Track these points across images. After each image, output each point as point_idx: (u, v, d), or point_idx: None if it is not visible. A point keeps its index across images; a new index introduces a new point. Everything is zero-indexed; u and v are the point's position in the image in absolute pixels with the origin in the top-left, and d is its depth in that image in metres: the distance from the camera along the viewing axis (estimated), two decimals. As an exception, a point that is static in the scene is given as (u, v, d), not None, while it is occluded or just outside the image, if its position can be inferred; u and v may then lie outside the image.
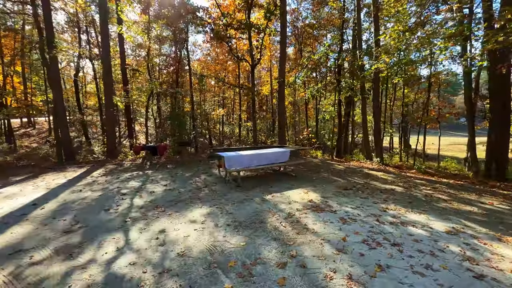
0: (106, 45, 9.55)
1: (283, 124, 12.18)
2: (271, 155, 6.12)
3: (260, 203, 4.27)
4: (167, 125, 12.10)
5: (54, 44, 8.42)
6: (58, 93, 8.80)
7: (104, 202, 4.42)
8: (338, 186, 5.35)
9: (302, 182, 5.76)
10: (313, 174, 6.63)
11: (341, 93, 11.57)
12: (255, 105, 12.20)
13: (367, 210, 3.89)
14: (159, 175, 6.66)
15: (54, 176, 6.69)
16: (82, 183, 5.83)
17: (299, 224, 3.36)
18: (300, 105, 26.54)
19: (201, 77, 10.43)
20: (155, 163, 8.53)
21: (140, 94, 12.32)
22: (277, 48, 18.97)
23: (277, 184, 5.55)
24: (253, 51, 10.97)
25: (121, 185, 5.62)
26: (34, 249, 2.76)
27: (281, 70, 11.43)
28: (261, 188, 5.22)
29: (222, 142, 18.09)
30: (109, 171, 7.28)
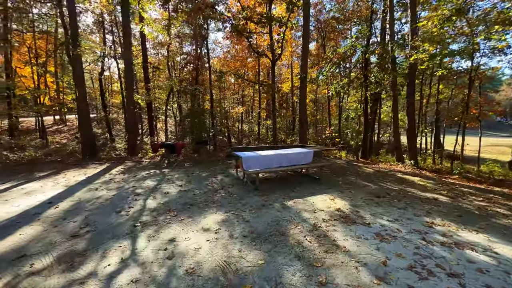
0: (127, 42, 9.60)
1: (304, 122, 11.56)
2: (292, 156, 5.63)
3: (280, 210, 3.82)
4: (187, 122, 12.03)
5: (78, 43, 8.57)
6: (82, 90, 9.00)
7: (117, 202, 4.25)
8: (369, 193, 4.74)
9: (327, 186, 5.22)
10: (339, 178, 6.03)
11: (368, 89, 10.69)
12: (275, 102, 11.70)
13: (408, 224, 3.29)
14: (176, 174, 6.46)
15: (75, 173, 6.76)
16: (100, 181, 5.78)
17: (326, 239, 2.87)
18: (321, 103, 25.56)
19: (220, 73, 10.15)
20: (172, 161, 8.40)
21: (160, 92, 12.35)
22: (298, 43, 18.26)
23: (298, 188, 5.06)
24: (274, 46, 10.46)
25: (137, 184, 5.47)
26: (37, 256, 2.56)
27: (303, 65, 10.81)
28: (281, 192, 4.77)
29: (241, 141, 17.83)
30: (127, 169, 7.24)
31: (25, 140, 14.62)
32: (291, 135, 17.05)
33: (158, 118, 18.40)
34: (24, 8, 14.47)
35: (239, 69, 17.03)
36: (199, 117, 11.65)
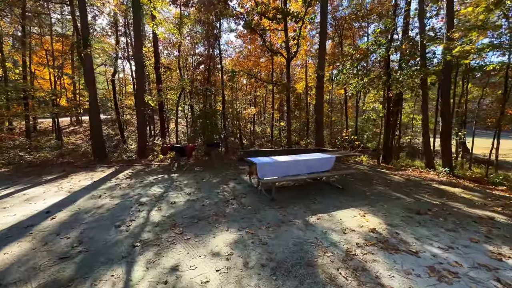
0: (138, 42, 9.35)
1: (321, 124, 10.88)
2: (312, 162, 5.03)
3: (303, 228, 3.24)
4: (199, 124, 11.67)
5: (89, 43, 8.39)
6: (93, 91, 8.81)
7: (118, 213, 3.83)
8: (405, 207, 4.05)
9: (352, 198, 4.57)
10: (365, 187, 5.35)
11: (390, 89, 9.86)
12: (290, 103, 11.09)
13: (468, 255, 2.61)
14: (184, 180, 6.02)
15: (82, 177, 6.49)
16: (105, 187, 5.43)
17: (366, 274, 2.27)
18: (336, 104, 24.59)
19: (233, 73, 9.69)
20: (182, 165, 8.01)
21: (171, 93, 12.08)
22: (312, 41, 17.56)
23: (320, 199, 4.45)
24: (289, 43, 9.88)
25: (143, 191, 5.07)
26: (14, 285, 2.14)
27: (320, 63, 10.16)
28: (301, 204, 4.18)
29: (253, 142, 17.32)
30: (135, 173, 6.90)
31: (41, 141, 14.84)
32: (305, 137, 16.33)
33: (170, 120, 18.27)
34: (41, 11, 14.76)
35: (252, 69, 16.56)
36: (210, 118, 11.25)
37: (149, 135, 19.36)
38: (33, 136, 16.80)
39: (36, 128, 19.02)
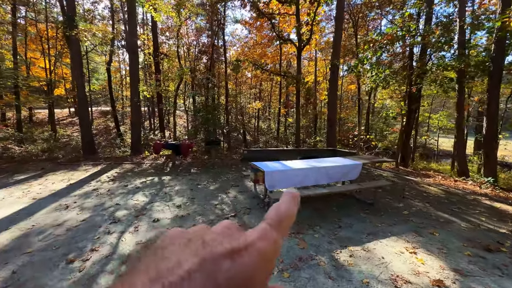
0: (132, 25, 8.30)
1: (334, 121, 9.81)
2: (334, 170, 3.99)
3: (332, 274, 2.24)
4: (200, 118, 10.66)
5: (76, 23, 7.37)
6: (80, 78, 7.85)
7: (80, 237, 2.87)
8: (465, 238, 3.01)
9: (388, 218, 3.53)
10: (398, 201, 4.31)
11: (413, 84, 8.70)
12: (300, 96, 10.00)
13: None
14: (177, 185, 5.05)
15: (59, 177, 5.57)
16: (79, 193, 4.48)
17: None
18: (344, 100, 23.30)
19: (237, 62, 8.61)
20: (177, 165, 7.05)
21: (169, 83, 11.05)
22: (324, 29, 16.26)
23: (347, 220, 3.43)
24: (301, 29, 8.72)
25: (123, 200, 4.10)
26: None
27: (336, 51, 9.04)
28: (322, 228, 3.17)
29: (257, 139, 16.30)
30: (121, 174, 5.95)
31: (35, 133, 14.02)
32: (313, 135, 15.24)
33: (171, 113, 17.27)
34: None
35: (258, 60, 15.41)
36: (212, 112, 10.24)
37: (149, 129, 18.48)
38: (28, 127, 15.98)
39: (32, 118, 18.19)
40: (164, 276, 0.15)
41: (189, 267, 0.15)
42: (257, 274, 0.16)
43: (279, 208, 0.22)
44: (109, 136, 16.40)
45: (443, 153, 21.20)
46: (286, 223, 0.21)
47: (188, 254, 0.16)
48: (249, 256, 0.17)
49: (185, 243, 0.18)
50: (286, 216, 0.21)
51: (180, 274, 0.14)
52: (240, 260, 0.16)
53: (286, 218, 0.21)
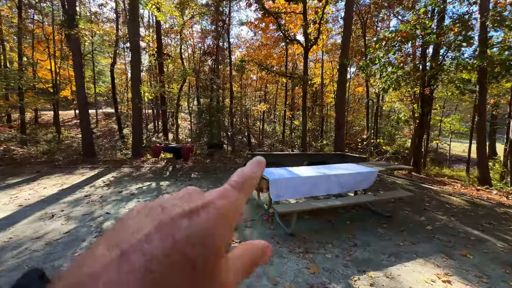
0: (134, 23, 8.09)
1: (342, 125, 9.37)
2: (348, 178, 3.57)
3: (351, 310, 1.82)
4: (204, 121, 10.35)
5: (76, 22, 7.18)
6: (80, 79, 7.63)
7: (58, 254, 2.53)
8: (507, 263, 2.55)
9: (410, 235, 3.09)
10: (419, 214, 3.85)
11: (430, 84, 8.22)
12: (306, 98, 9.61)
13: None
14: (174, 192, 4.69)
15: (53, 181, 5.29)
16: (70, 199, 4.17)
17: None
18: (351, 102, 22.73)
19: (241, 62, 8.30)
20: (178, 169, 6.72)
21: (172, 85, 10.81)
22: (331, 30, 15.87)
23: (362, 237, 3.01)
24: (308, 28, 8.36)
25: (114, 209, 3.77)
26: None
27: (344, 51, 8.66)
28: (335, 247, 2.76)
29: (261, 142, 15.92)
30: (118, 178, 5.64)
31: (39, 134, 13.99)
32: (320, 138, 14.77)
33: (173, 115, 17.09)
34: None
35: (263, 61, 15.11)
36: (216, 114, 9.92)
37: (154, 131, 18.32)
38: (33, 128, 15.99)
39: (38, 120, 18.24)
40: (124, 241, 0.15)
41: (147, 230, 0.15)
42: (216, 230, 0.17)
43: (242, 170, 0.22)
44: (113, 138, 16.27)
45: (455, 158, 20.41)
46: (249, 183, 0.21)
47: (148, 221, 0.16)
48: (207, 213, 0.17)
49: (147, 213, 0.18)
50: (249, 177, 0.21)
51: (138, 238, 0.15)
52: (198, 218, 0.16)
53: (248, 179, 0.21)
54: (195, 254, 0.15)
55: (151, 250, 0.14)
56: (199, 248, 0.15)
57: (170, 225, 0.16)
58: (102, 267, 0.14)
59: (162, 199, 0.20)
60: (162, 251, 0.14)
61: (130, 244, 0.15)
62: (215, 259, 0.16)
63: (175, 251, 0.15)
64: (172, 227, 0.16)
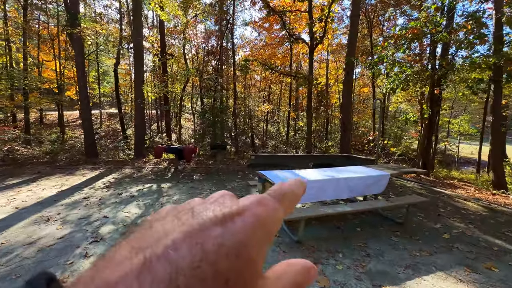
0: (137, 21, 8.00)
1: (348, 126, 9.13)
2: (358, 182, 3.36)
3: (367, 333, 1.62)
4: (207, 121, 10.21)
5: (78, 21, 7.11)
6: (82, 78, 7.55)
7: (50, 261, 2.38)
8: (535, 277, 2.31)
9: (426, 244, 2.87)
10: (433, 221, 3.62)
11: (440, 83, 7.96)
12: (312, 99, 9.40)
13: None
14: (176, 195, 4.54)
15: (52, 183, 5.18)
16: (68, 201, 4.04)
17: None
18: (355, 103, 22.38)
19: (245, 62, 8.14)
20: (180, 170, 6.57)
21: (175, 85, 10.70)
22: (336, 30, 15.63)
23: (375, 246, 2.79)
24: (314, 26, 8.16)
25: (113, 212, 3.62)
26: None
27: (351, 49, 8.45)
28: (346, 257, 2.55)
29: (265, 143, 15.74)
30: (118, 180, 5.51)
31: (43, 134, 14.04)
32: (324, 139, 14.52)
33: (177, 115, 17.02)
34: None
35: (267, 61, 14.96)
36: (219, 115, 9.77)
37: (157, 131, 18.27)
38: (38, 128, 16.07)
39: (43, 120, 18.33)
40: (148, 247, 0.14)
41: (174, 237, 0.14)
42: (252, 240, 0.14)
43: (283, 184, 0.20)
44: (116, 138, 16.26)
45: (463, 160, 19.92)
46: (290, 198, 0.18)
47: (176, 225, 0.15)
48: (243, 221, 0.15)
49: (176, 215, 0.17)
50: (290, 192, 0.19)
51: (164, 244, 0.14)
52: (232, 225, 0.15)
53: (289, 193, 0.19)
54: (228, 267, 0.13)
55: (177, 260, 0.13)
56: (233, 260, 0.13)
57: (200, 232, 0.14)
58: (121, 275, 0.12)
59: (193, 201, 0.18)
60: (190, 262, 0.13)
61: (154, 251, 0.13)
62: (251, 276, 0.14)
63: (205, 263, 0.13)
64: (202, 234, 0.14)
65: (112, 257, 0.14)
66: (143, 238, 0.15)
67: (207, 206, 0.17)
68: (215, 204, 0.17)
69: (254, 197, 0.17)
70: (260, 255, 0.15)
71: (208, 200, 0.18)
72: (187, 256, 0.13)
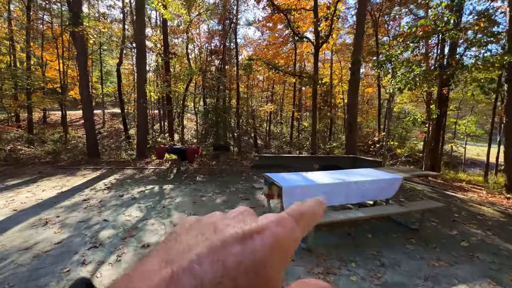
0: (140, 23, 7.89)
1: (354, 126, 8.94)
2: (370, 186, 3.19)
3: None
4: (210, 121, 10.08)
5: (81, 20, 7.02)
6: (84, 78, 7.46)
7: (46, 269, 2.25)
8: None
9: (445, 254, 2.69)
10: (448, 227, 3.44)
11: (449, 83, 7.76)
12: (316, 99, 9.23)
13: None
14: (178, 197, 4.40)
15: (53, 183, 5.08)
16: (67, 203, 3.92)
17: None
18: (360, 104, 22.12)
19: (249, 60, 8.00)
20: (182, 171, 6.44)
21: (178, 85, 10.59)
22: (340, 29, 15.43)
23: (389, 253, 2.62)
24: (319, 25, 8.00)
25: (113, 215, 3.49)
26: None
27: (357, 47, 8.27)
28: (359, 265, 2.39)
29: (268, 143, 15.58)
30: (119, 181, 5.39)
31: (46, 134, 14.02)
32: (328, 140, 14.32)
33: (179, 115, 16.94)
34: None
35: (271, 60, 14.81)
36: (222, 115, 9.64)
37: (160, 131, 18.19)
38: (41, 128, 16.08)
39: (46, 120, 18.35)
40: (175, 261, 0.15)
41: (198, 252, 0.15)
42: (270, 259, 0.15)
43: (301, 204, 0.20)
44: (119, 138, 16.20)
45: (469, 161, 19.57)
46: (308, 219, 0.19)
47: (200, 240, 0.16)
48: (262, 240, 0.16)
49: (199, 230, 0.18)
50: (309, 212, 0.19)
51: (189, 259, 0.15)
52: (251, 244, 0.15)
53: (308, 214, 0.19)
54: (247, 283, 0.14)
55: (201, 275, 0.14)
56: (252, 277, 0.14)
57: (222, 249, 0.15)
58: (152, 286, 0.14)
59: (215, 216, 0.19)
60: (213, 278, 0.14)
61: (181, 265, 0.14)
62: None
63: (226, 278, 0.14)
64: (223, 251, 0.15)
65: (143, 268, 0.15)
66: (170, 250, 0.16)
67: (228, 222, 0.18)
68: (236, 220, 0.18)
69: (273, 216, 0.18)
70: (277, 274, 0.15)
71: (229, 215, 0.19)
72: (209, 272, 0.14)
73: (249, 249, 0.15)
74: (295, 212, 0.18)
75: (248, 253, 0.15)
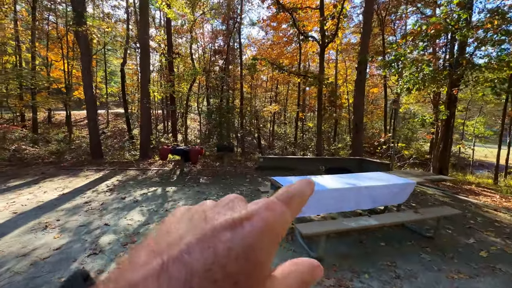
0: (143, 20, 7.82)
1: (361, 127, 8.76)
2: (381, 191, 3.04)
3: None
4: (213, 121, 9.98)
5: (84, 20, 6.97)
6: (87, 77, 7.41)
7: (43, 277, 2.14)
8: None
9: (463, 265, 2.53)
10: (464, 235, 3.26)
11: (459, 83, 7.55)
12: (322, 99, 9.06)
13: None
14: (182, 199, 4.29)
15: (55, 185, 5.01)
16: (68, 206, 3.84)
17: None
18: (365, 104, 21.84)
19: (254, 60, 7.87)
20: (186, 173, 6.34)
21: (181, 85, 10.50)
22: (346, 29, 15.22)
23: (404, 264, 2.47)
24: (325, 23, 7.83)
25: (114, 219, 3.39)
26: None
27: (363, 47, 8.08)
28: (373, 277, 2.24)
29: (272, 144, 15.43)
30: (122, 182, 5.31)
31: (51, 134, 14.07)
32: (333, 141, 14.11)
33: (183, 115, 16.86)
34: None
35: (275, 60, 14.68)
36: (226, 115, 9.52)
37: (163, 132, 18.16)
38: (46, 128, 16.14)
39: (51, 119, 18.44)
40: (165, 251, 0.15)
41: (188, 241, 0.15)
42: (260, 244, 0.15)
43: (289, 186, 0.20)
44: (123, 138, 16.20)
45: (477, 163, 19.16)
46: (297, 201, 0.19)
47: (190, 228, 0.16)
48: (251, 225, 0.16)
49: (189, 218, 0.18)
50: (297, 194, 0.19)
51: (179, 248, 0.15)
52: (241, 230, 0.16)
53: (297, 195, 0.19)
54: (237, 269, 0.14)
55: (192, 263, 0.14)
56: (242, 263, 0.15)
57: (212, 237, 0.15)
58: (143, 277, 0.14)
59: (205, 204, 0.20)
60: (203, 265, 0.14)
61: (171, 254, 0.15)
62: (259, 277, 0.15)
63: (216, 265, 0.14)
64: (214, 239, 0.15)
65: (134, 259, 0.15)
66: (161, 240, 0.16)
67: (218, 210, 0.18)
68: (226, 208, 0.18)
69: (262, 201, 0.18)
70: (268, 258, 0.16)
71: (219, 203, 0.19)
72: (200, 259, 0.14)
73: (239, 235, 0.15)
74: (284, 195, 0.18)
75: (238, 239, 0.15)
